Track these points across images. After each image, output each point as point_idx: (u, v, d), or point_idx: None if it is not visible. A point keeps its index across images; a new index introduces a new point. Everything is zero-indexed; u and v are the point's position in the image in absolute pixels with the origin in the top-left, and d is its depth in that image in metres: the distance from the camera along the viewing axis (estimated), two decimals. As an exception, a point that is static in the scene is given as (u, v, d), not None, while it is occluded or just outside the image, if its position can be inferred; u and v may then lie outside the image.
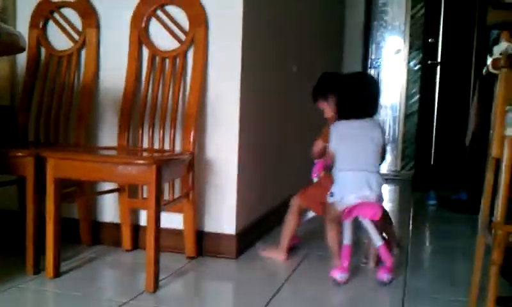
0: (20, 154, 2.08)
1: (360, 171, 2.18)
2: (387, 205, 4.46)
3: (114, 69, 2.49)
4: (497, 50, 2.08)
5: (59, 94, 2.52)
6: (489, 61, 2.13)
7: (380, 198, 2.21)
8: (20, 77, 2.61)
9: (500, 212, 1.53)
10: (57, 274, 2.07)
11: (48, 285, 2.01)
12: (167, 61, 2.42)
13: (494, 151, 1.63)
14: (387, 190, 5.14)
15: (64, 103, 2.51)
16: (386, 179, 5.65)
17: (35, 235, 2.08)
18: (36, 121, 2.53)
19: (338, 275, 2.15)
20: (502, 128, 1.61)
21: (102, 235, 2.56)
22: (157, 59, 2.44)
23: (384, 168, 6.01)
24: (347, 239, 2.20)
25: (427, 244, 3.11)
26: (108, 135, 2.52)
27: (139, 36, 2.44)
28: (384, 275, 2.17)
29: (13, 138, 2.54)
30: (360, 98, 2.26)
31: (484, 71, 2.05)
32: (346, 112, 2.27)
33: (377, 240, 2.20)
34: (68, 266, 2.19)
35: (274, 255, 2.48)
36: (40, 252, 2.10)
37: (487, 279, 1.52)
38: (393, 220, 3.40)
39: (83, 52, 2.53)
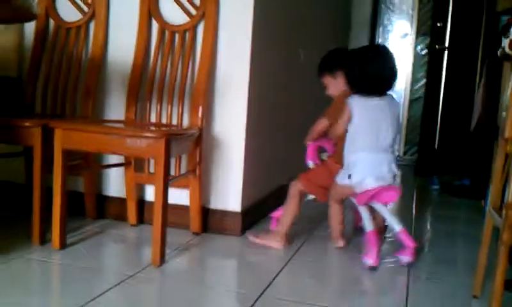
0: (27, 124, 2.07)
1: (380, 152, 2.11)
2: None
3: (122, 42, 2.47)
4: (513, 31, 2.06)
5: (67, 66, 2.50)
6: (504, 42, 2.13)
7: (395, 179, 2.19)
8: (28, 48, 2.59)
9: (512, 193, 1.52)
10: (63, 245, 2.07)
11: (54, 256, 2.01)
12: (176, 35, 2.40)
13: (507, 131, 1.62)
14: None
15: (72, 76, 2.49)
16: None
17: (41, 205, 2.08)
18: (44, 92, 2.51)
19: (371, 262, 2.09)
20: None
21: (107, 209, 2.55)
22: (167, 33, 2.41)
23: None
24: (370, 225, 2.13)
25: (430, 228, 3.11)
26: (116, 109, 2.50)
27: (149, 9, 2.42)
28: (406, 258, 2.13)
29: (20, 109, 2.52)
30: (381, 71, 2.11)
31: (499, 52, 2.04)
32: (365, 87, 2.12)
33: (396, 224, 2.16)
34: (73, 238, 2.20)
35: (270, 243, 2.29)
36: (46, 223, 2.10)
37: (492, 262, 1.52)
38: (396, 204, 3.41)
39: (92, 24, 2.51)
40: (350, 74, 2.18)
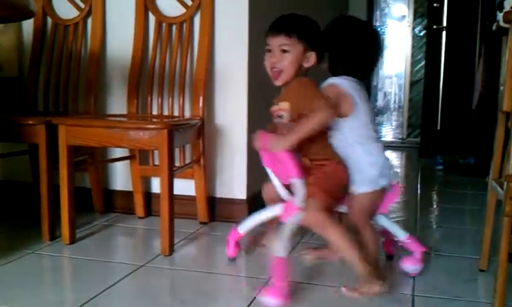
0: (31, 122, 2.09)
1: (379, 142, 1.78)
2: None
3: (121, 37, 2.49)
4: (508, 3, 2.06)
5: (67, 64, 2.52)
6: (499, 16, 2.12)
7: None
8: (27, 47, 2.61)
9: (513, 164, 1.53)
10: (73, 240, 2.10)
11: (65, 251, 2.03)
12: (174, 27, 2.41)
13: (505, 105, 1.63)
14: (394, 158, 5.16)
15: (72, 73, 2.51)
16: (393, 147, 5.68)
17: (50, 201, 2.10)
18: (45, 91, 2.53)
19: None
20: (513, 81, 1.61)
21: (115, 203, 2.58)
22: (164, 25, 2.43)
23: (390, 136, 6.02)
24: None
25: (436, 206, 3.12)
26: (117, 103, 2.52)
27: (145, 3, 2.43)
28: (415, 267, 1.83)
29: (22, 108, 2.54)
30: (378, 53, 1.82)
31: (494, 26, 2.03)
32: (357, 68, 1.77)
33: (400, 233, 1.85)
34: (82, 233, 2.22)
35: (374, 289, 1.62)
36: (55, 219, 2.12)
37: (498, 236, 1.53)
38: (401, 185, 3.42)
39: (89, 21, 2.52)
40: (342, 50, 1.76)
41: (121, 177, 2.57)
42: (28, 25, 2.58)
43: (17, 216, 2.53)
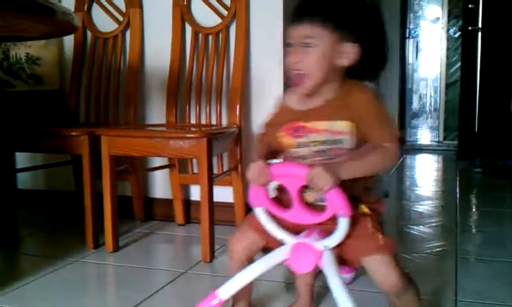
0: (75, 133, 2.15)
1: None
2: (432, 175, 4.44)
3: (158, 48, 2.54)
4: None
5: (107, 76, 2.58)
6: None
7: None
8: (68, 60, 2.68)
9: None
10: (116, 248, 2.15)
11: (109, 259, 2.08)
12: (210, 37, 2.45)
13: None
14: (431, 161, 5.11)
15: (112, 85, 2.57)
16: (429, 150, 5.62)
17: (93, 210, 2.16)
18: (86, 103, 2.60)
19: None
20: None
21: (155, 211, 2.63)
22: (200, 35, 2.47)
23: (426, 139, 5.95)
24: None
25: (475, 210, 3.08)
26: (156, 114, 2.57)
27: (182, 14, 2.48)
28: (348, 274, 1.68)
29: (64, 120, 2.61)
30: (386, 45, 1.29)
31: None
32: (379, 68, 1.30)
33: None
34: (124, 241, 2.27)
35: None
36: (98, 228, 2.18)
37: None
38: (439, 189, 3.38)
39: (128, 33, 2.58)
40: (375, 40, 1.24)
41: (161, 185, 2.62)
42: (69, 39, 2.65)
43: (61, 225, 2.60)
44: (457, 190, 3.55)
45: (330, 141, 1.19)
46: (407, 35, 5.85)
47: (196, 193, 2.45)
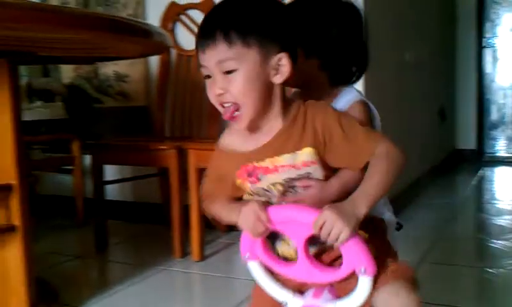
0: (163, 147, 2.26)
1: None
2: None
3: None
4: None
5: (191, 92, 2.68)
6: None
7: None
8: (154, 77, 2.82)
9: None
10: (202, 257, 2.23)
11: (194, 267, 2.17)
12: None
13: None
14: (511, 173, 4.94)
15: (196, 100, 2.67)
16: (509, 162, 5.44)
17: (180, 221, 2.25)
18: (171, 118, 2.72)
19: None
20: None
21: (236, 222, 2.69)
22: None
23: (507, 150, 5.75)
24: None
25: None
26: (238, 127, 2.64)
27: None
28: None
29: (150, 135, 2.74)
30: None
31: None
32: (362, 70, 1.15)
33: None
34: (209, 250, 2.35)
35: None
36: (184, 238, 2.27)
37: None
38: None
39: (210, 51, 2.67)
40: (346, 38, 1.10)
41: (241, 197, 2.68)
42: (154, 57, 2.78)
43: (148, 235, 2.72)
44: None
45: (293, 179, 0.96)
46: (484, 44, 5.70)
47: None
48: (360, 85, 2.21)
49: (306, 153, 0.95)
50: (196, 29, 2.70)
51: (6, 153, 1.53)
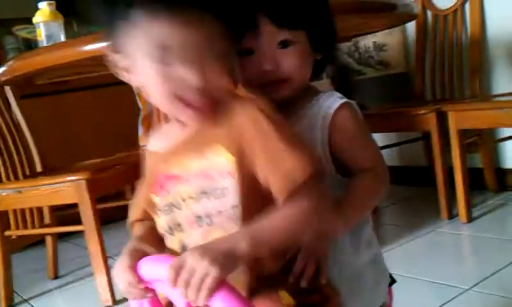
0: (422, 112, 2.29)
1: None
2: None
3: (501, 16, 2.47)
4: None
5: (449, 51, 2.64)
6: None
7: None
8: (411, 42, 2.84)
9: None
10: (470, 219, 2.21)
11: (463, 228, 2.17)
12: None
13: None
14: None
15: (455, 59, 2.62)
16: None
17: (445, 183, 2.26)
18: (431, 81, 2.71)
19: None
20: None
21: (509, 181, 2.58)
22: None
23: None
24: None
25: None
26: (502, 82, 2.52)
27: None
28: None
29: (411, 100, 2.78)
30: None
31: None
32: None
33: None
34: (478, 212, 2.31)
35: None
36: (450, 200, 2.28)
37: None
38: None
39: (467, 6, 2.58)
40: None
41: (512, 155, 2.56)
42: (411, 23, 2.79)
43: (415, 198, 2.79)
44: None
45: (207, 193, 0.72)
46: None
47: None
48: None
49: (219, 157, 0.72)
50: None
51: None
